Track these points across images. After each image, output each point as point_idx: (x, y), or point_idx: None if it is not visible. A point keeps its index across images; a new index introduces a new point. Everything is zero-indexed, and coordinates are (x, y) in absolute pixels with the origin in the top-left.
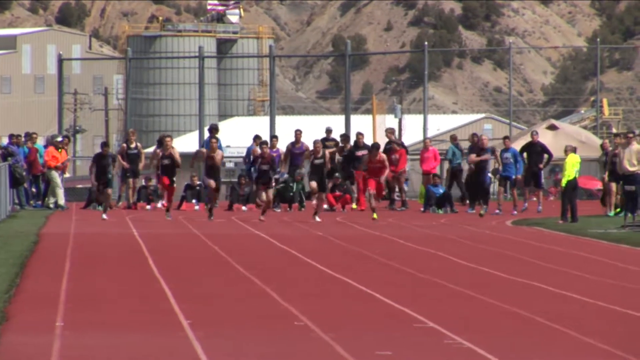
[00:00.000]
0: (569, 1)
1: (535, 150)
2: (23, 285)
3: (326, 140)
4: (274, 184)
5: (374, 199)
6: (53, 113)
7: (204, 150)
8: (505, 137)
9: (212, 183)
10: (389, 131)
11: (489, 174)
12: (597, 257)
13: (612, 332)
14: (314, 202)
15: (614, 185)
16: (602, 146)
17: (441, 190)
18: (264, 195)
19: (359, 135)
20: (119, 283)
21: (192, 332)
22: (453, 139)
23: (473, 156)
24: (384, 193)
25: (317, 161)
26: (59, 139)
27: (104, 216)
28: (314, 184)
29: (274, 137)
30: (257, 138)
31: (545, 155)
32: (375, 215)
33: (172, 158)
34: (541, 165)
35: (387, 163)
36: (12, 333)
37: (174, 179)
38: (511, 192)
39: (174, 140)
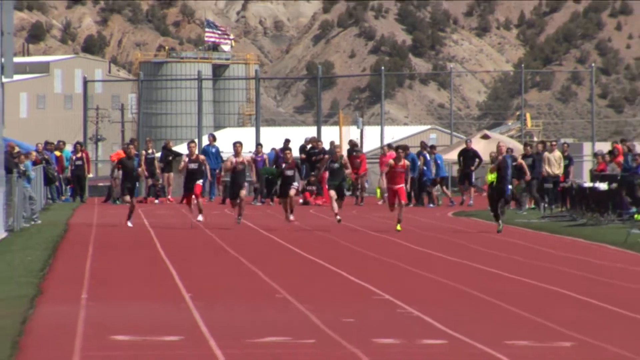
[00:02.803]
0: (499, 34)
1: (468, 155)
2: (54, 266)
3: (304, 148)
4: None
5: (401, 208)
6: (79, 125)
7: (233, 159)
8: (432, 147)
9: (242, 193)
10: (352, 142)
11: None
12: (522, 242)
13: (533, 303)
14: (334, 205)
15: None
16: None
17: None
18: (292, 191)
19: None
20: (133, 264)
21: (192, 303)
22: (423, 147)
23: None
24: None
25: (334, 165)
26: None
27: (129, 224)
28: (332, 192)
29: (259, 145)
30: (237, 145)
31: (477, 159)
32: (399, 227)
33: (199, 162)
34: (472, 168)
35: (408, 169)
36: (46, 304)
37: (200, 182)
38: (442, 190)
39: (176, 147)
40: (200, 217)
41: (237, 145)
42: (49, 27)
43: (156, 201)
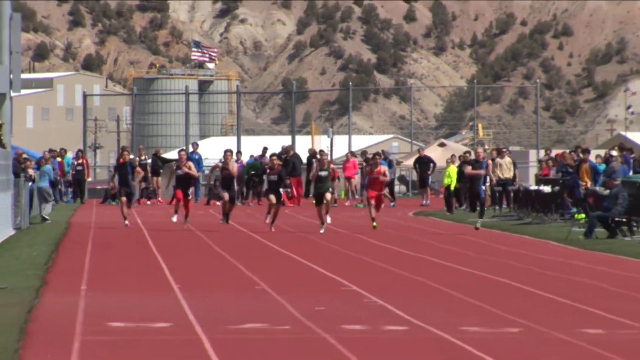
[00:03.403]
0: (454, 53)
1: (423, 161)
2: (57, 260)
3: (282, 154)
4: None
5: (375, 209)
6: (79, 134)
7: (220, 164)
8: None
9: (226, 196)
10: (322, 152)
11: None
12: (474, 239)
13: (485, 293)
14: (324, 211)
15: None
16: (476, 157)
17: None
18: (273, 198)
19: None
20: (127, 258)
21: (180, 293)
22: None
23: (469, 168)
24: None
25: (322, 173)
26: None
27: (127, 222)
28: (328, 195)
29: (239, 152)
30: (228, 152)
31: (431, 164)
32: (375, 224)
33: (187, 170)
34: (429, 172)
35: (387, 174)
36: (49, 294)
37: (189, 191)
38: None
39: (165, 154)
40: (174, 218)
41: (228, 154)
42: (52, 47)
43: (148, 202)
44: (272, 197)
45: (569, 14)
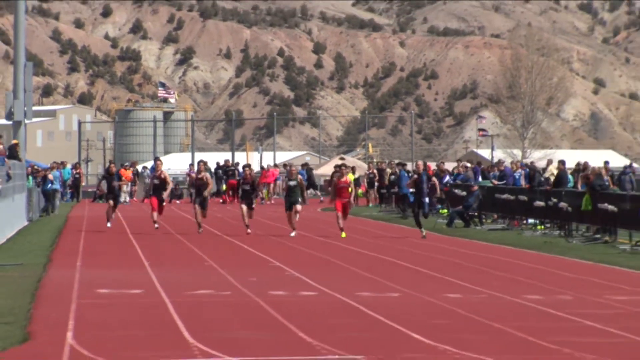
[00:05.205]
0: (351, 91)
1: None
2: (59, 243)
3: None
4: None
5: (342, 219)
6: (75, 151)
7: (193, 175)
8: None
9: (198, 209)
10: (248, 166)
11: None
12: (365, 228)
13: (374, 268)
14: (296, 218)
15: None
16: (369, 169)
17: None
18: (244, 209)
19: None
20: (111, 244)
21: (150, 268)
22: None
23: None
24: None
25: (291, 183)
26: (127, 164)
27: (109, 224)
28: (298, 206)
29: (198, 163)
30: (200, 162)
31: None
32: (343, 234)
33: (161, 179)
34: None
35: (352, 185)
36: (53, 269)
37: (162, 197)
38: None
39: (137, 167)
40: (156, 225)
41: (200, 164)
42: (55, 87)
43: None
44: (244, 207)
45: (435, 63)
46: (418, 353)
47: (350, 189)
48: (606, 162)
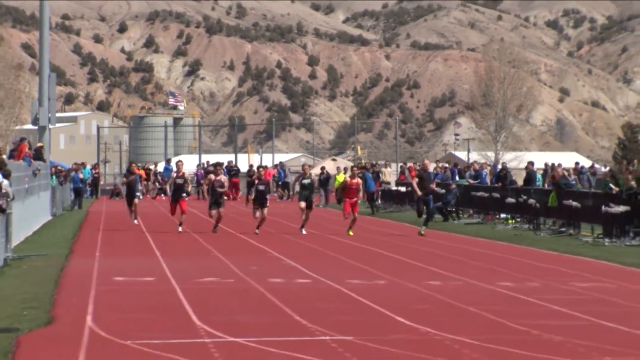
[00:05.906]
0: (342, 99)
1: (323, 174)
2: (80, 235)
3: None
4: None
5: (352, 219)
6: (94, 153)
7: (212, 176)
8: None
9: (214, 213)
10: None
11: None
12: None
13: (362, 258)
14: (303, 216)
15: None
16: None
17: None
18: (258, 213)
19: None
20: (127, 236)
21: (161, 258)
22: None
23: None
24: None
25: (305, 181)
26: (151, 165)
27: (136, 221)
28: (302, 203)
29: (176, 163)
30: (179, 162)
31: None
32: (351, 232)
33: (184, 178)
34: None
35: (361, 187)
36: (75, 258)
37: (184, 195)
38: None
39: (152, 165)
40: (180, 229)
41: (179, 164)
42: (76, 95)
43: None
44: (258, 212)
45: (417, 74)
46: (402, 334)
47: (359, 191)
48: (577, 163)
